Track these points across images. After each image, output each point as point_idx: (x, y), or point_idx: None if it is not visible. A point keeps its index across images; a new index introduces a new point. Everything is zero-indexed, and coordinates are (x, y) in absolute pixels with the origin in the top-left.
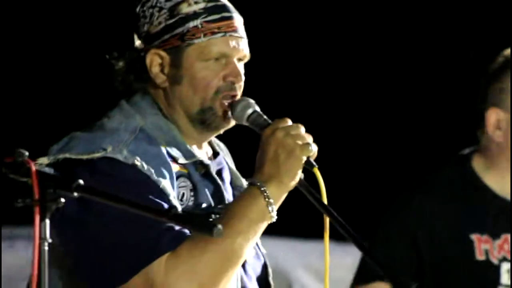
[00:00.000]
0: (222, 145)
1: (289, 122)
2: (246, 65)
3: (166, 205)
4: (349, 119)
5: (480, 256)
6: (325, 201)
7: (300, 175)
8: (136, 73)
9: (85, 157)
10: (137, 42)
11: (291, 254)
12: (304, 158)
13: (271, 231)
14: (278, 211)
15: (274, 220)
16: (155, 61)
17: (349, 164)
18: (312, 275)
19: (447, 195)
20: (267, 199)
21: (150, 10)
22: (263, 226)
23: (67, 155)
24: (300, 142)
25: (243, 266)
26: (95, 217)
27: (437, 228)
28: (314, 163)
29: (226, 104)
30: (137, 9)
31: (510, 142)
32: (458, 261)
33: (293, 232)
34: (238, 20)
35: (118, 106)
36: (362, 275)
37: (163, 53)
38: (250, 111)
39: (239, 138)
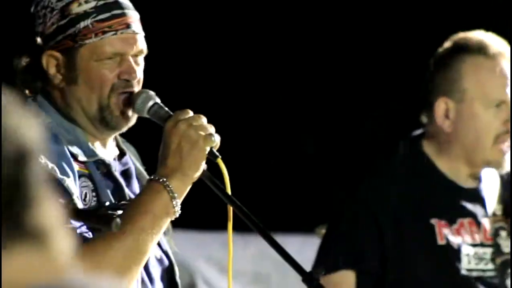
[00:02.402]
0: (130, 146)
1: (191, 113)
2: (147, 57)
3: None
4: (251, 109)
5: (441, 241)
6: (229, 191)
7: (203, 166)
8: (34, 73)
9: None
10: (37, 41)
11: (192, 245)
12: (208, 149)
13: (171, 223)
14: None
15: (178, 214)
16: (51, 62)
17: (252, 154)
18: (214, 266)
19: (405, 180)
20: (170, 194)
21: (43, 11)
22: (167, 221)
23: None
24: (203, 133)
25: (145, 267)
26: None
27: (400, 211)
28: (218, 153)
29: (122, 101)
30: (32, 10)
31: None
32: (421, 245)
33: (194, 224)
34: (131, 16)
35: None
36: (331, 263)
37: (57, 54)
38: (150, 103)
39: (146, 134)
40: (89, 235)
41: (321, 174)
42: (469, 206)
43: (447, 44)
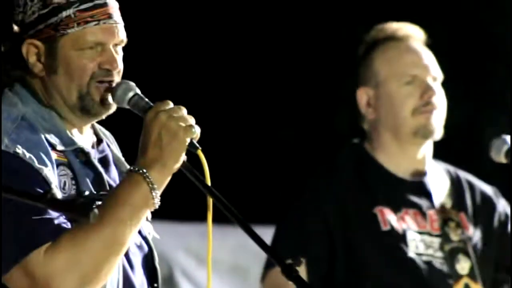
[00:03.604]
0: (107, 132)
1: (171, 104)
2: (125, 48)
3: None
4: (231, 100)
5: (385, 227)
6: (209, 183)
7: (183, 157)
8: (13, 62)
9: None
10: (15, 30)
11: (171, 237)
12: (188, 140)
13: (150, 213)
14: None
15: (157, 206)
16: (31, 50)
17: (231, 146)
18: (192, 258)
19: (349, 173)
20: (150, 185)
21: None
22: (146, 212)
23: None
24: (183, 124)
25: (126, 254)
26: None
27: (344, 200)
28: (198, 145)
29: (103, 89)
30: None
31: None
32: (366, 232)
33: (172, 215)
34: (112, 6)
35: (1, 95)
36: (271, 260)
37: (38, 43)
38: (131, 94)
39: (126, 123)
40: (68, 225)
41: (300, 165)
42: (413, 198)
43: (365, 39)
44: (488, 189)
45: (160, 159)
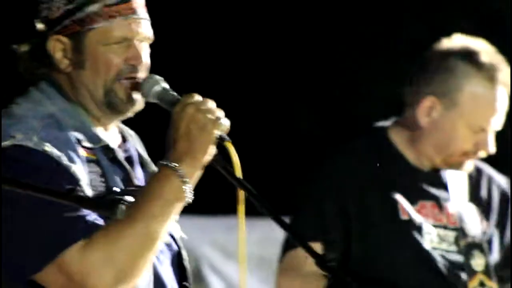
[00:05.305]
0: (132, 133)
1: (198, 97)
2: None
3: (78, 192)
4: (260, 92)
5: (404, 216)
6: (239, 175)
7: (213, 150)
8: (38, 59)
9: None
10: (39, 27)
11: (197, 231)
12: (217, 133)
13: None
14: None
15: (190, 199)
16: (57, 46)
17: (261, 138)
18: (219, 251)
19: (369, 159)
20: (181, 178)
21: None
22: (179, 206)
23: None
24: (211, 117)
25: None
26: (2, 204)
27: (364, 186)
28: (227, 137)
29: (128, 85)
30: None
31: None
32: (385, 219)
33: (198, 209)
34: (138, 2)
35: (26, 93)
36: (290, 242)
37: (64, 39)
38: (158, 88)
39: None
40: (100, 222)
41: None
42: (432, 189)
43: (455, 46)
44: (505, 183)
45: (189, 152)
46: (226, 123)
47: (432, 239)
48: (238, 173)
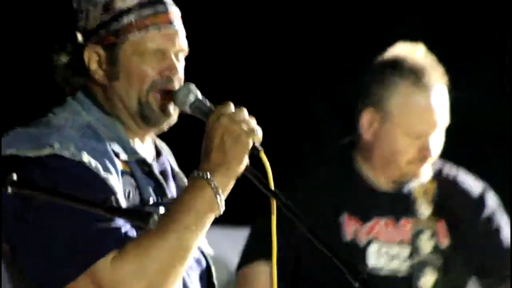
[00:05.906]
0: (165, 146)
1: (232, 106)
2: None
3: (113, 203)
4: (291, 100)
5: (348, 237)
6: (272, 185)
7: (246, 160)
8: (75, 69)
9: (32, 154)
10: (78, 37)
11: (228, 241)
12: (251, 143)
13: None
14: None
15: (222, 211)
16: (93, 57)
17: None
18: None
19: (324, 175)
20: (214, 189)
21: (86, 6)
22: (212, 217)
23: (14, 152)
24: (245, 127)
25: None
26: (35, 213)
27: (314, 209)
28: (260, 147)
29: (162, 97)
30: (74, 4)
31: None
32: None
33: (229, 220)
34: (173, 13)
35: (64, 103)
36: (246, 256)
37: (99, 50)
38: (192, 98)
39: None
40: (133, 233)
41: None
42: (388, 207)
43: (387, 56)
44: (477, 190)
45: (224, 163)
46: (259, 133)
47: (379, 258)
48: (271, 183)
